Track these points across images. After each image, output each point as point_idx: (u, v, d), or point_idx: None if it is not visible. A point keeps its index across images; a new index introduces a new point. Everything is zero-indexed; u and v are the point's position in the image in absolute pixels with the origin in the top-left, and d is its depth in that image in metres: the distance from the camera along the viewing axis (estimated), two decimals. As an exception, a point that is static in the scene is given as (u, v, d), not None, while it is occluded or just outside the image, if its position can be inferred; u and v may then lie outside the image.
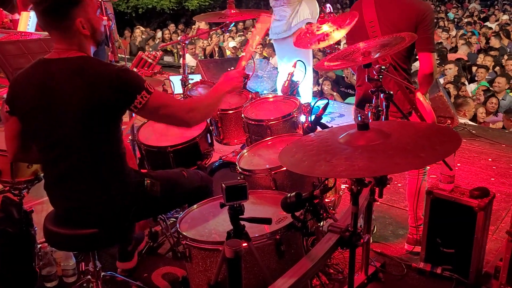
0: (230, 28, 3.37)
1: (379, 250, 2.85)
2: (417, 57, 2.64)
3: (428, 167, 2.79)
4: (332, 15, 2.65)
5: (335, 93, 7.01)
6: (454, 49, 9.83)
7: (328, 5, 4.72)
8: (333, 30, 2.39)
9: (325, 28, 2.39)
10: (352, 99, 6.19)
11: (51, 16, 1.79)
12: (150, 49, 10.75)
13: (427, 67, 2.55)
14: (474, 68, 7.83)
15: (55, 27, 1.82)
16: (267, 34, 5.60)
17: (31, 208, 2.51)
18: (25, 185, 2.45)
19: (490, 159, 4.26)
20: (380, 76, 2.12)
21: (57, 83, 1.79)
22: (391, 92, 2.09)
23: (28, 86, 1.86)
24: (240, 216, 1.57)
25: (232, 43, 10.95)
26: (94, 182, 1.89)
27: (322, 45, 2.43)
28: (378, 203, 3.42)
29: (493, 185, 3.72)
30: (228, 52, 10.59)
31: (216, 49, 10.63)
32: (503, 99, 6.19)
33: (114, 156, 1.90)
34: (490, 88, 6.51)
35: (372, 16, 2.53)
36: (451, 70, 7.08)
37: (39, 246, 2.61)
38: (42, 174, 2.38)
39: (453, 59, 8.09)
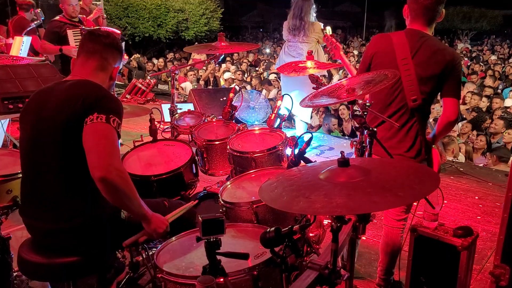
0: (220, 60, 3.41)
1: (362, 287, 2.81)
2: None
3: (406, 224, 2.74)
4: (332, 37, 2.68)
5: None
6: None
7: (328, 27, 4.75)
8: (312, 68, 2.43)
9: (308, 64, 2.44)
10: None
11: (107, 50, 2.07)
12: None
13: (452, 114, 2.47)
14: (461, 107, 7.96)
15: (102, 58, 2.06)
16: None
17: (9, 235, 2.45)
18: (4, 211, 2.40)
19: (476, 197, 4.27)
20: (365, 113, 2.14)
21: (53, 96, 1.91)
22: (375, 129, 2.10)
23: (33, 101, 1.99)
24: (216, 251, 1.54)
25: (227, 74, 11.07)
26: (70, 206, 1.87)
27: (293, 75, 2.46)
28: (364, 238, 3.40)
29: (479, 224, 3.71)
30: (222, 82, 10.70)
31: (211, 78, 10.73)
32: (497, 142, 6.22)
33: (92, 181, 1.84)
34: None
35: (406, 54, 2.45)
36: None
37: (15, 274, 2.53)
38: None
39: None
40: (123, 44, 5.24)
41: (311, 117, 7.82)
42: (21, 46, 4.67)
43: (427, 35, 2.50)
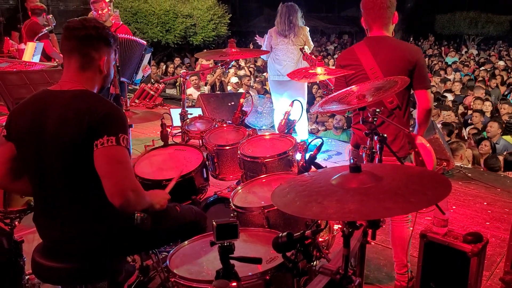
0: (230, 66, 3.44)
1: (372, 293, 2.82)
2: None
3: (410, 215, 2.80)
4: (311, 56, 2.76)
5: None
6: (449, 91, 9.99)
7: (306, 46, 4.81)
8: (322, 74, 2.48)
9: (318, 70, 2.47)
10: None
11: (84, 44, 1.89)
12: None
13: (425, 103, 2.66)
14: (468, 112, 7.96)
15: (81, 55, 1.90)
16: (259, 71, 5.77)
17: (22, 238, 2.49)
18: (17, 215, 2.44)
19: (485, 203, 4.26)
20: (375, 119, 2.16)
21: (50, 114, 1.84)
22: (385, 135, 2.11)
23: (26, 114, 1.90)
24: (230, 255, 1.56)
25: (234, 79, 11.12)
26: (81, 214, 1.89)
27: (304, 81, 2.52)
28: (372, 244, 3.40)
29: (488, 230, 3.71)
30: (229, 87, 10.74)
31: (218, 83, 10.77)
32: (496, 143, 6.24)
33: (102, 188, 1.86)
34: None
35: (371, 62, 2.61)
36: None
37: (27, 277, 2.56)
38: (34, 204, 2.38)
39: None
40: (149, 55, 5.30)
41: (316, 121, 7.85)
42: (33, 51, 4.74)
43: (385, 37, 2.69)
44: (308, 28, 5.23)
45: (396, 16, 2.72)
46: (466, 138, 6.90)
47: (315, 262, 2.27)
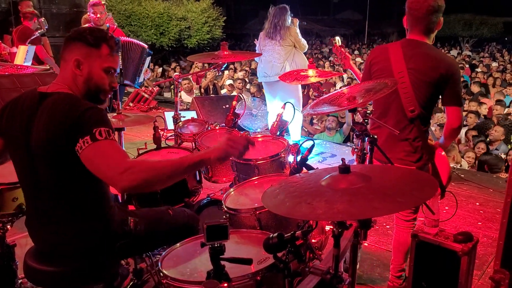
0: (223, 69, 3.46)
1: (365, 293, 2.83)
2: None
3: (416, 223, 2.80)
4: (341, 48, 2.72)
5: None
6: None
7: (337, 37, 4.83)
8: (314, 76, 2.49)
9: (310, 72, 2.49)
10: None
11: (67, 47, 1.91)
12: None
13: (455, 121, 2.54)
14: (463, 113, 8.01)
15: (65, 60, 1.91)
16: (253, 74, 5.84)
17: (14, 242, 2.49)
18: (9, 218, 2.43)
19: (477, 204, 4.29)
20: (366, 120, 2.18)
21: (37, 119, 1.83)
22: (375, 136, 2.13)
23: (17, 113, 1.90)
24: (220, 256, 1.57)
25: (229, 81, 11.15)
26: (73, 217, 1.89)
27: (296, 83, 2.51)
28: (366, 244, 3.42)
29: (480, 230, 3.74)
30: (224, 90, 10.76)
31: (211, 86, 10.78)
32: (496, 149, 6.25)
33: (94, 192, 1.89)
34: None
35: (401, 67, 2.50)
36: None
37: (20, 281, 2.56)
38: (26, 208, 2.38)
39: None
40: (149, 58, 5.32)
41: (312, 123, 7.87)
42: (25, 55, 4.74)
43: (423, 43, 2.54)
44: (297, 29, 5.27)
45: (441, 22, 2.56)
46: (461, 139, 6.94)
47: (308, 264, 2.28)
